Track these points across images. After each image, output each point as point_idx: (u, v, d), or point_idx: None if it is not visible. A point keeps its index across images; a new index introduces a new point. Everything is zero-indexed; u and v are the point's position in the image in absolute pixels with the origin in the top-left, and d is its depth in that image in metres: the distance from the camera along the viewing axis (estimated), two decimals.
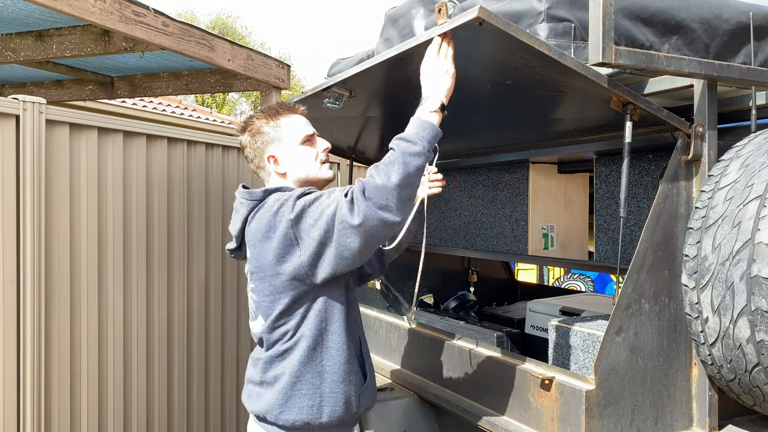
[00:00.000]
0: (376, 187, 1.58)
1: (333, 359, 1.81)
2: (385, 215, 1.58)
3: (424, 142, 1.63)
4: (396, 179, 1.57)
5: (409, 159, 1.60)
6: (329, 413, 1.81)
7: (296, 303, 1.78)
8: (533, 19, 2.06)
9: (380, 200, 1.57)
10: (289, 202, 1.74)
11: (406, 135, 1.65)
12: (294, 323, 1.80)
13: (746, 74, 1.93)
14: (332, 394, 1.81)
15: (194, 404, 3.64)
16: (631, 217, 2.42)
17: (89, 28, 3.65)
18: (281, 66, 4.44)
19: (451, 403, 2.25)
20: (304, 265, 1.72)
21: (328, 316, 1.81)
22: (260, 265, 1.81)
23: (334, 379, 1.81)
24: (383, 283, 3.61)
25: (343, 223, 1.63)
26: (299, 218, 1.70)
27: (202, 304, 3.67)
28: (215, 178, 3.75)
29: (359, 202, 1.60)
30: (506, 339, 3.01)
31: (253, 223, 1.83)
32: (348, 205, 1.62)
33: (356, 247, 1.64)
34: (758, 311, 1.63)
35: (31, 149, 2.75)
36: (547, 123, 2.49)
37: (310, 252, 1.70)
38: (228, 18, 28.57)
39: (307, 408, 1.80)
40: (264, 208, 1.81)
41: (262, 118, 1.95)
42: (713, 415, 1.93)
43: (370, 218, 1.59)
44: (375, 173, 1.62)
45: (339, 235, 1.64)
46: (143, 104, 8.97)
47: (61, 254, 2.91)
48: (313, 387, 1.80)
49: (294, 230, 1.71)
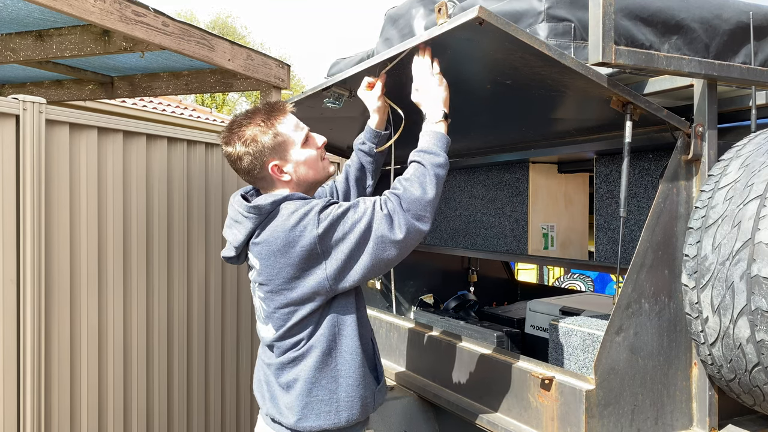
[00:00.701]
0: (414, 201, 1.65)
1: (347, 363, 1.80)
2: (423, 227, 1.66)
3: (444, 153, 1.74)
4: (432, 192, 1.67)
5: (438, 170, 1.70)
6: (347, 418, 1.79)
7: (312, 314, 1.76)
8: (533, 19, 2.06)
9: (418, 212, 1.65)
10: (310, 215, 1.69)
11: (428, 148, 1.73)
12: (307, 332, 1.78)
13: (746, 74, 1.93)
14: (348, 399, 1.80)
15: (194, 404, 3.64)
16: (631, 216, 2.42)
17: (89, 28, 3.65)
18: (281, 66, 4.44)
19: (451, 402, 2.25)
20: (329, 278, 1.70)
21: (341, 322, 1.79)
22: (274, 278, 1.75)
23: (349, 383, 1.80)
24: (383, 283, 3.61)
25: (383, 237, 1.65)
26: (327, 233, 1.67)
27: (202, 304, 3.67)
28: (215, 178, 3.75)
29: (399, 216, 1.65)
30: (506, 339, 3.01)
31: (264, 236, 1.75)
32: (387, 221, 1.65)
33: (393, 258, 1.68)
34: (758, 311, 1.63)
35: (31, 149, 2.75)
36: (547, 123, 2.49)
37: (337, 266, 1.69)
38: (228, 18, 28.61)
39: (325, 414, 1.78)
40: (277, 220, 1.73)
41: (254, 125, 1.80)
42: (713, 414, 1.93)
43: (412, 232, 1.65)
44: (410, 186, 1.67)
45: (377, 248, 1.66)
46: (143, 104, 8.97)
47: (61, 254, 2.91)
48: (329, 392, 1.78)
49: (320, 245, 1.68)
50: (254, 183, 1.90)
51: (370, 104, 2.15)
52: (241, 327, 3.89)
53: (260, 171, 1.82)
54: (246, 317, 3.92)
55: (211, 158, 3.74)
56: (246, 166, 1.82)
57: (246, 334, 3.91)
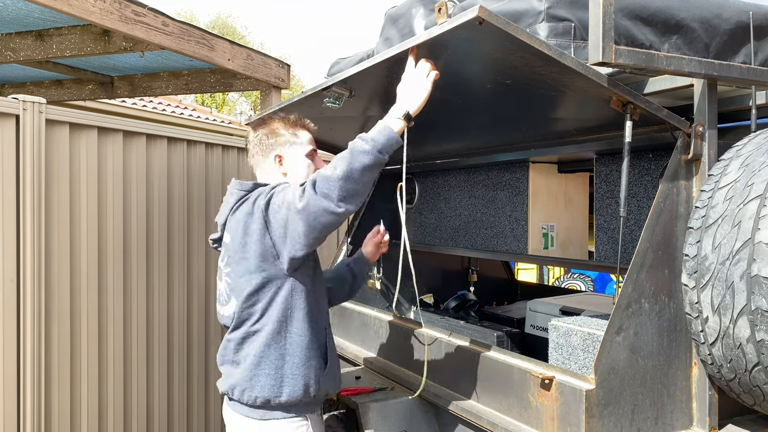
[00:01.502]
0: (323, 177, 1.77)
1: (295, 343, 1.96)
2: (326, 203, 1.75)
3: (376, 144, 1.77)
4: (340, 172, 1.74)
5: (356, 155, 1.76)
6: (288, 393, 1.95)
7: (266, 286, 1.93)
8: (533, 19, 2.06)
9: (323, 189, 1.75)
10: (265, 190, 1.95)
11: (363, 135, 1.82)
12: (261, 306, 1.95)
13: (746, 74, 1.93)
14: (292, 376, 1.95)
15: (194, 404, 3.64)
16: (631, 216, 2.42)
17: (89, 28, 3.65)
18: (281, 65, 4.44)
19: (451, 402, 2.25)
20: (270, 245, 1.90)
21: (294, 304, 1.96)
22: (237, 248, 1.97)
23: (294, 362, 1.96)
24: (383, 283, 3.61)
25: (291, 207, 1.82)
26: (268, 204, 1.90)
27: (202, 304, 3.67)
28: (215, 177, 3.75)
29: (308, 190, 1.79)
30: (506, 339, 3.01)
31: (237, 212, 2.00)
32: (299, 192, 1.81)
33: (301, 230, 1.81)
34: (758, 311, 1.63)
35: (31, 149, 2.75)
36: (547, 122, 2.49)
37: (276, 234, 1.88)
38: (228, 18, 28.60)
39: (269, 387, 1.94)
40: (250, 198, 1.98)
41: (282, 121, 2.17)
42: (713, 414, 1.93)
43: (312, 204, 1.77)
44: (329, 166, 1.81)
45: (289, 219, 1.83)
46: (143, 104, 8.97)
47: (61, 254, 2.91)
48: (275, 368, 1.95)
49: (264, 215, 1.89)
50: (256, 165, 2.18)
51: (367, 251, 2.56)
52: None
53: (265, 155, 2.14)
54: None
55: (211, 158, 3.74)
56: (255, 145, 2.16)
57: None
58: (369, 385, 2.54)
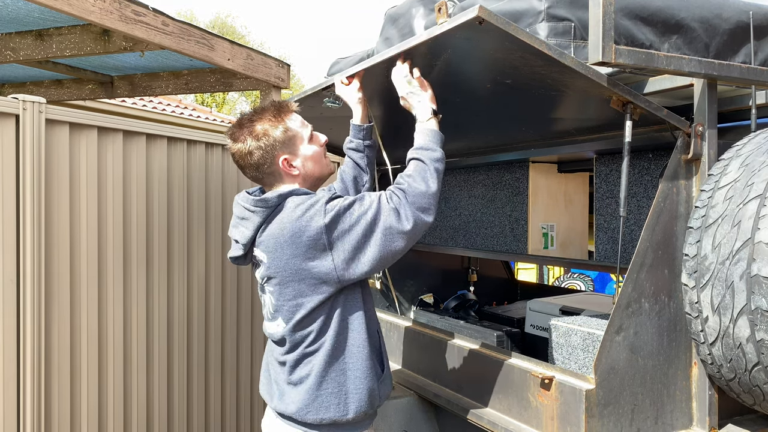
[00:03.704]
0: (419, 194, 1.75)
1: (355, 357, 1.84)
2: (428, 218, 1.75)
3: (440, 148, 1.83)
4: (434, 186, 1.77)
5: (436, 165, 1.80)
6: (355, 409, 1.83)
7: (321, 306, 1.80)
8: (533, 19, 2.06)
9: (423, 204, 1.74)
10: (316, 207, 1.75)
11: (424, 144, 1.83)
12: (317, 325, 1.81)
13: (746, 73, 1.93)
14: (356, 391, 1.84)
15: (194, 404, 3.64)
16: (631, 216, 2.42)
17: (89, 28, 3.65)
18: (281, 65, 4.44)
19: (451, 402, 2.25)
20: (337, 268, 1.75)
21: (349, 316, 1.84)
22: (283, 269, 1.79)
23: (357, 375, 1.84)
24: (383, 283, 3.61)
25: (390, 229, 1.73)
26: (333, 224, 1.73)
27: (202, 304, 3.67)
28: (215, 177, 3.74)
29: (406, 209, 1.73)
30: (506, 338, 3.01)
31: (271, 228, 1.80)
32: (395, 213, 1.73)
33: (400, 249, 1.75)
34: (758, 310, 1.63)
35: (31, 149, 2.75)
36: (547, 122, 2.49)
37: (344, 257, 1.74)
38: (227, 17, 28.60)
39: (334, 406, 1.82)
40: (283, 212, 1.79)
41: (264, 120, 1.87)
42: (713, 414, 1.93)
43: (418, 222, 1.73)
44: (413, 182, 1.77)
45: (385, 240, 1.73)
46: (143, 104, 8.97)
47: (61, 254, 2.91)
48: (338, 385, 1.83)
49: (327, 235, 1.73)
50: (262, 179, 1.92)
51: (350, 99, 2.23)
52: (241, 327, 3.89)
53: (270, 165, 1.87)
54: (246, 317, 3.92)
55: (211, 158, 3.74)
56: (257, 160, 1.85)
57: (246, 334, 3.91)
58: None
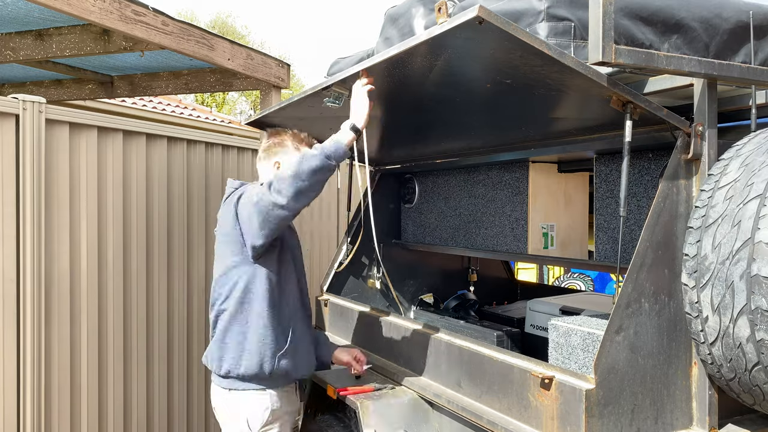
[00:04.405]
0: (277, 177, 2.11)
1: (254, 322, 2.25)
2: (275, 198, 2.07)
3: (324, 151, 2.08)
4: (291, 172, 2.07)
5: (306, 158, 2.07)
6: (246, 366, 2.24)
7: (232, 269, 2.27)
8: (533, 18, 2.06)
9: (276, 186, 2.08)
10: (245, 188, 2.31)
11: (323, 144, 2.12)
12: (228, 288, 2.27)
13: (746, 73, 1.93)
14: (249, 351, 2.24)
15: (194, 404, 3.64)
16: (631, 216, 2.42)
17: (89, 27, 3.65)
18: (281, 65, 4.44)
19: (451, 402, 2.25)
20: (239, 234, 2.23)
21: (255, 287, 2.25)
22: (218, 235, 2.36)
23: (253, 339, 2.25)
24: (383, 283, 3.61)
25: (250, 202, 2.17)
26: (239, 198, 2.26)
27: (202, 304, 3.67)
28: (215, 177, 3.75)
29: (264, 187, 2.12)
30: (506, 338, 3.01)
31: (224, 205, 2.36)
32: (257, 190, 2.16)
33: (256, 222, 2.14)
34: (758, 310, 1.63)
35: (31, 149, 2.75)
36: (547, 122, 2.49)
37: (243, 226, 2.21)
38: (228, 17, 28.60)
39: (230, 359, 2.25)
40: (234, 194, 2.33)
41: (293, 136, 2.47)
42: (713, 414, 1.93)
43: (264, 199, 2.10)
44: (283, 169, 2.24)
45: (250, 212, 2.16)
46: (143, 103, 8.96)
47: (61, 253, 2.91)
48: (237, 342, 2.26)
49: (236, 207, 2.25)
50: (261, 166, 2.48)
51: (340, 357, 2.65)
52: None
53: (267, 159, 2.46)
54: None
55: (211, 158, 3.74)
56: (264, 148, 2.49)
57: None
58: (369, 385, 2.54)
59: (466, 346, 2.28)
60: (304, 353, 2.40)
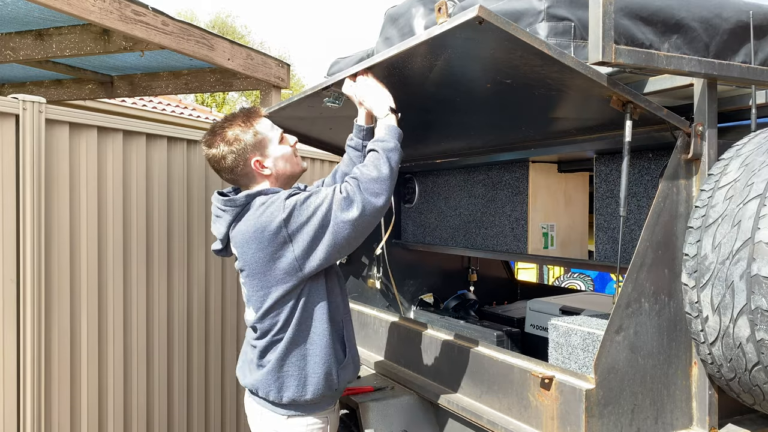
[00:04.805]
0: (371, 180, 1.85)
1: (316, 344, 2.00)
2: (378, 201, 1.84)
3: (395, 140, 1.93)
4: (386, 170, 1.87)
5: (390, 154, 1.90)
6: (313, 391, 2.00)
7: (286, 296, 1.96)
8: (533, 18, 2.06)
9: (374, 189, 1.84)
10: (277, 203, 1.90)
11: (380, 137, 1.94)
12: (284, 315, 1.97)
13: (746, 73, 1.93)
14: (315, 374, 2.00)
15: (194, 404, 3.64)
16: (631, 216, 2.42)
17: (89, 27, 3.65)
18: (281, 65, 4.44)
19: (451, 402, 2.25)
20: (297, 259, 1.90)
21: (313, 306, 2.00)
22: (250, 263, 1.96)
23: (316, 361, 2.01)
24: (383, 283, 3.61)
25: (338, 218, 1.84)
26: (290, 217, 1.87)
27: (202, 304, 3.67)
28: (215, 177, 3.74)
29: (356, 195, 1.84)
30: (506, 338, 3.01)
31: (239, 226, 1.98)
32: (345, 202, 1.84)
33: (353, 236, 1.87)
34: (758, 310, 1.63)
35: (31, 149, 2.75)
36: (547, 122, 2.49)
37: (303, 248, 1.88)
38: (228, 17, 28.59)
39: (293, 387, 2.00)
40: (250, 211, 1.96)
41: (235, 126, 2.04)
42: (713, 414, 1.93)
43: (368, 208, 1.84)
44: (365, 169, 1.87)
45: (336, 228, 1.85)
46: (143, 103, 8.97)
47: (61, 254, 2.91)
48: (298, 369, 2.00)
49: (286, 229, 1.88)
50: (237, 180, 2.09)
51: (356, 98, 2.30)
52: (240, 326, 3.89)
53: (243, 167, 2.04)
54: None
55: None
56: (230, 164, 2.03)
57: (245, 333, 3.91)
58: (369, 385, 2.54)
59: (466, 346, 2.28)
60: (356, 353, 2.19)
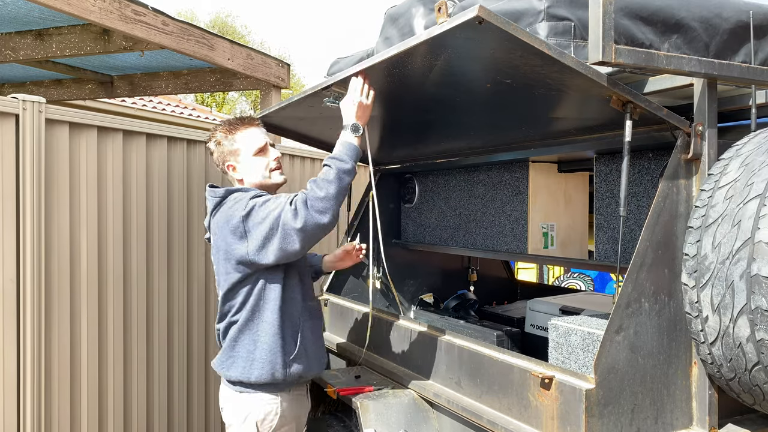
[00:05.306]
0: (318, 198, 2.02)
1: (265, 332, 2.21)
2: (322, 219, 2.02)
3: (352, 161, 2.08)
4: (333, 190, 2.03)
5: (343, 175, 2.06)
6: (257, 375, 2.21)
7: (241, 283, 2.21)
8: (533, 18, 2.06)
9: (319, 207, 2.02)
10: (242, 201, 2.17)
11: (338, 155, 2.09)
12: (239, 300, 2.23)
13: (746, 73, 1.93)
14: (261, 361, 2.21)
15: (194, 404, 3.64)
16: (631, 215, 2.42)
17: (89, 27, 3.65)
18: (281, 65, 4.44)
19: (451, 402, 2.25)
20: (249, 254, 2.13)
21: (266, 296, 2.22)
22: (219, 249, 2.24)
23: (264, 348, 2.21)
24: (383, 283, 3.61)
25: (286, 226, 2.04)
26: (248, 216, 2.12)
27: (202, 304, 3.67)
28: (215, 177, 3.74)
29: (301, 210, 2.02)
30: (506, 338, 3.01)
31: (216, 216, 2.25)
32: (292, 213, 2.04)
33: (297, 246, 2.07)
34: (758, 310, 1.63)
35: (31, 149, 2.75)
36: (547, 122, 2.49)
37: (255, 245, 2.11)
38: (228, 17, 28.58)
39: (241, 368, 2.22)
40: (225, 204, 2.23)
41: (222, 130, 2.36)
42: (713, 413, 1.93)
43: (309, 223, 2.02)
44: (316, 187, 2.05)
45: (283, 235, 2.06)
46: (143, 103, 8.97)
47: (61, 254, 2.91)
48: (247, 352, 2.23)
49: (244, 225, 2.13)
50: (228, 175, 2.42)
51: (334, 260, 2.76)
52: None
53: (222, 166, 2.39)
54: None
55: (211, 157, 3.73)
56: (215, 160, 2.42)
57: None
58: (369, 385, 2.54)
59: (466, 345, 2.29)
60: (314, 351, 2.36)
